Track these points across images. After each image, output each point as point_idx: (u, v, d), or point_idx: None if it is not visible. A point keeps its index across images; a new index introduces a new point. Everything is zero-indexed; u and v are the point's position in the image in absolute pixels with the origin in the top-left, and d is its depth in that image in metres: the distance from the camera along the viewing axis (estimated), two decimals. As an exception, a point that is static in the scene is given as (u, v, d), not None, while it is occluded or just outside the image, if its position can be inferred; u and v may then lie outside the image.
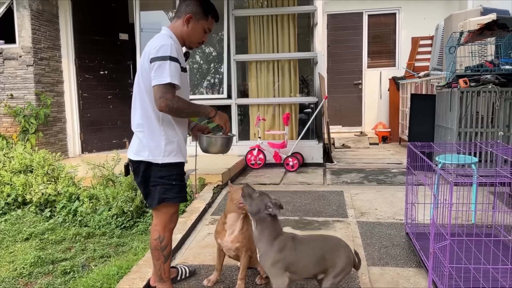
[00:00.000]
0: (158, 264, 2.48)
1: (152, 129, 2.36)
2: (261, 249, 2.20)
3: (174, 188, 2.40)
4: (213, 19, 2.46)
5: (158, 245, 2.44)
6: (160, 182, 2.37)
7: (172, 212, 2.47)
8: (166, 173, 2.37)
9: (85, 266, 3.25)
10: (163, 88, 2.20)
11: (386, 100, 9.51)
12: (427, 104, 5.76)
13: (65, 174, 4.73)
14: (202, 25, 2.42)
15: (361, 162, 6.65)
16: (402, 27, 9.48)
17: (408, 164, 3.26)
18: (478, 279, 2.44)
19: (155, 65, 2.21)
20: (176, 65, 2.24)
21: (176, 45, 2.33)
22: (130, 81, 7.78)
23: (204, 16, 2.41)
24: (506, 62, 5.15)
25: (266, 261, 2.17)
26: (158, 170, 2.37)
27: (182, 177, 2.48)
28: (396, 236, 3.43)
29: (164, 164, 2.36)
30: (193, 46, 2.51)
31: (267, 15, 6.60)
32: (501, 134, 4.67)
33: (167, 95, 2.20)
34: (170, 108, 2.22)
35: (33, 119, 6.07)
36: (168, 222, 2.47)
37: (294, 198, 4.57)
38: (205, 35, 2.49)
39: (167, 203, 2.42)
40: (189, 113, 2.35)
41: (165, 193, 2.38)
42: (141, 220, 4.08)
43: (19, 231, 3.98)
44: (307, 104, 6.94)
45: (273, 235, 2.18)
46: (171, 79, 2.19)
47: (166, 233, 2.46)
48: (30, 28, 6.17)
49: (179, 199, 2.44)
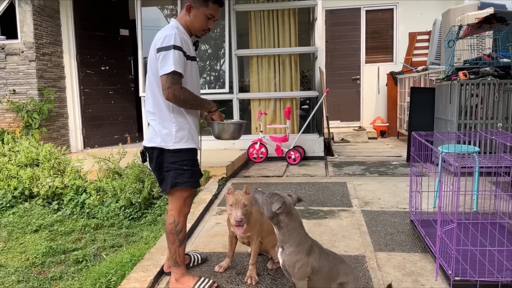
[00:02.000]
0: (173, 248, 2.54)
1: (163, 117, 2.45)
2: (287, 249, 2.10)
3: (186, 173, 2.47)
4: (214, 3, 2.46)
5: (173, 229, 2.51)
6: (173, 168, 2.46)
7: (185, 196, 2.54)
8: (178, 159, 2.46)
9: (97, 256, 3.31)
10: (171, 78, 2.29)
11: (384, 95, 9.60)
12: (426, 97, 5.84)
13: (71, 167, 4.77)
14: (203, 12, 2.45)
15: (361, 155, 6.74)
16: (400, 23, 9.56)
17: (413, 153, 3.34)
18: (483, 262, 2.52)
19: (161, 56, 2.32)
20: (180, 53, 2.31)
21: (182, 34, 2.40)
22: (131, 76, 7.82)
23: (203, 2, 2.43)
24: (504, 55, 5.24)
25: (293, 262, 2.08)
26: (170, 156, 2.45)
27: (194, 162, 2.55)
28: (401, 224, 3.51)
29: (175, 150, 2.45)
30: (199, 34, 2.54)
31: (267, 10, 6.65)
32: (500, 126, 4.77)
33: (175, 86, 2.30)
34: (177, 99, 2.32)
35: (36, 114, 6.10)
36: (183, 207, 2.54)
37: (299, 190, 4.65)
38: (209, 21, 2.50)
39: (180, 188, 2.49)
40: (194, 105, 2.45)
41: (177, 177, 2.46)
42: (149, 211, 4.14)
43: (27, 223, 4.02)
44: (305, 99, 7.01)
45: (300, 239, 2.11)
46: (175, 67, 2.28)
47: (181, 218, 2.54)
48: (32, 23, 6.19)
49: (190, 184, 2.51)
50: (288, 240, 2.10)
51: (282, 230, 2.12)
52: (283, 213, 2.09)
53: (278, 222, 2.11)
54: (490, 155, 4.53)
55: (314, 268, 2.08)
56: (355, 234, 3.33)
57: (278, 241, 2.16)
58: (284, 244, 2.11)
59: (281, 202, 2.08)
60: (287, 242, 2.10)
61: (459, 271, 2.43)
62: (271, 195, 2.13)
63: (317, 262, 2.09)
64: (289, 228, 2.10)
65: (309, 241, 2.13)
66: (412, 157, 3.37)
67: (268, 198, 2.13)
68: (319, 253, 2.12)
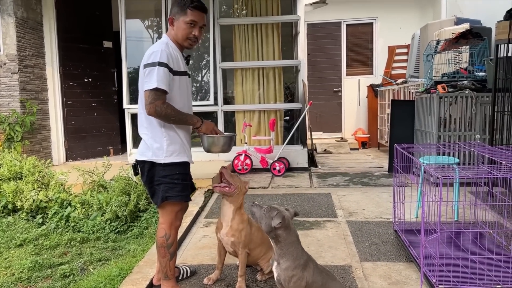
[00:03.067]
0: (164, 261, 2.56)
1: (154, 132, 2.48)
2: (283, 264, 2.11)
3: (176, 187, 2.49)
4: (193, 10, 2.46)
5: (164, 243, 2.53)
6: (163, 181, 2.48)
7: (176, 210, 2.56)
8: (169, 172, 2.48)
9: (84, 269, 3.28)
10: (153, 94, 2.33)
11: (365, 106, 9.79)
12: (406, 109, 6.01)
13: (55, 180, 4.73)
14: (183, 21, 2.46)
15: (344, 166, 6.85)
16: (379, 36, 9.81)
17: (396, 165, 3.44)
18: (465, 270, 2.62)
19: (146, 71, 2.37)
20: (165, 70, 2.34)
21: (171, 50, 2.45)
22: (114, 88, 7.80)
23: (182, 11, 2.46)
24: (480, 69, 5.45)
25: (289, 276, 2.08)
26: (161, 170, 2.48)
27: (185, 176, 2.57)
28: (385, 234, 3.60)
29: (166, 163, 2.47)
30: (186, 44, 2.54)
31: (251, 24, 6.76)
32: (478, 137, 4.93)
33: (157, 102, 2.33)
34: (158, 114, 2.36)
35: (18, 126, 6.03)
36: (174, 220, 2.57)
37: (284, 201, 4.70)
38: (194, 29, 2.49)
39: (171, 201, 2.51)
40: (176, 120, 2.45)
41: (167, 191, 2.48)
42: (135, 224, 4.13)
43: (11, 238, 3.96)
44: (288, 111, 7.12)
45: (297, 253, 2.12)
46: (158, 84, 2.32)
47: (172, 231, 2.56)
48: (15, 35, 6.14)
49: (181, 198, 2.53)
50: (285, 254, 2.11)
51: (279, 245, 2.13)
52: (282, 227, 2.10)
53: (276, 236, 2.12)
54: (469, 166, 4.68)
55: (308, 282, 2.10)
56: (341, 245, 3.40)
57: (274, 255, 2.17)
58: (281, 259, 2.12)
59: (281, 217, 2.08)
60: (284, 256, 2.11)
61: (443, 279, 2.51)
62: (270, 209, 2.14)
63: (311, 276, 2.11)
64: (286, 242, 2.12)
65: (305, 256, 2.15)
66: (395, 168, 3.47)
67: (266, 212, 2.13)
68: (314, 268, 2.15)
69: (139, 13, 7.40)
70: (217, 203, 4.70)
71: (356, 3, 9.58)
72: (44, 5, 6.83)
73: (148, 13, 7.46)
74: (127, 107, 6.82)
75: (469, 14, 6.91)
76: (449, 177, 2.54)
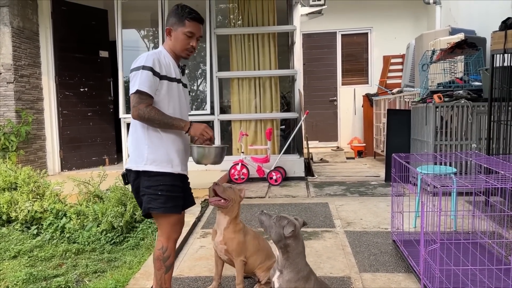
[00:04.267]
0: (159, 274, 2.51)
1: (137, 138, 2.46)
2: (287, 275, 2.08)
3: (159, 199, 2.38)
4: (190, 21, 2.44)
5: (161, 255, 2.48)
6: (147, 192, 2.40)
7: (172, 223, 2.48)
8: (153, 183, 2.39)
9: (79, 282, 3.24)
10: (137, 97, 2.33)
11: (361, 116, 9.82)
12: (402, 119, 6.02)
13: (50, 191, 4.68)
14: (181, 32, 2.44)
15: (341, 175, 6.84)
16: (374, 46, 9.87)
17: (393, 174, 3.44)
18: (465, 281, 2.60)
19: (131, 76, 2.38)
20: (148, 73, 2.32)
21: (161, 57, 2.43)
22: (110, 98, 7.78)
23: (180, 22, 2.44)
24: (475, 78, 5.48)
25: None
26: (145, 180, 2.40)
27: (172, 188, 2.43)
28: (383, 244, 3.58)
29: (148, 172, 2.38)
30: (183, 55, 2.52)
31: (248, 34, 6.78)
32: (474, 146, 4.95)
33: (140, 105, 2.32)
34: (141, 117, 2.34)
35: (13, 136, 5.98)
36: (171, 232, 2.50)
37: (282, 211, 4.68)
38: (191, 40, 2.47)
39: (161, 213, 2.42)
40: (161, 124, 2.38)
41: (150, 202, 2.39)
42: (131, 235, 4.08)
43: (5, 249, 3.91)
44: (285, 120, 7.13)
45: (302, 265, 2.10)
46: (139, 87, 2.30)
47: (169, 244, 2.49)
48: (11, 45, 6.13)
49: (164, 210, 2.40)
50: (290, 265, 2.08)
51: (286, 255, 2.09)
52: (292, 237, 2.07)
53: (285, 246, 2.08)
54: (466, 175, 4.69)
55: None
56: (339, 255, 3.37)
57: (278, 265, 2.14)
58: (284, 269, 2.09)
59: (293, 226, 2.06)
60: (288, 267, 2.08)
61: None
62: (280, 218, 2.11)
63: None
64: (294, 253, 2.08)
65: (308, 268, 2.13)
66: (393, 178, 3.46)
67: (276, 221, 2.10)
68: (315, 281, 2.12)
69: (136, 23, 7.42)
70: (213, 213, 4.66)
71: (351, 13, 9.65)
72: (40, 15, 6.83)
73: (144, 23, 7.48)
74: (123, 116, 6.80)
75: (463, 24, 6.97)
76: (448, 187, 2.53)
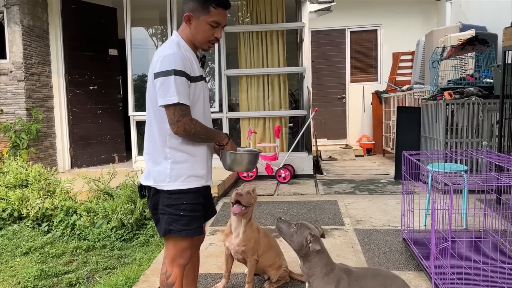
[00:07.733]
0: None
1: (156, 151, 2.09)
2: (313, 283, 2.00)
3: (181, 220, 2.05)
4: (217, 8, 2.04)
5: (164, 281, 2.13)
6: (167, 211, 2.06)
7: (181, 247, 2.11)
8: (174, 202, 2.06)
9: (90, 278, 3.27)
10: (178, 110, 1.96)
11: (370, 113, 9.77)
12: (412, 116, 5.98)
13: (61, 188, 4.72)
14: (205, 21, 2.04)
15: (350, 173, 6.82)
16: (383, 43, 9.80)
17: (404, 172, 3.41)
18: (477, 280, 2.58)
19: (158, 82, 1.97)
20: (182, 80, 1.96)
21: (185, 52, 2.05)
22: (119, 96, 7.82)
23: (203, 9, 2.03)
24: (486, 75, 5.42)
25: None
26: (166, 198, 2.07)
27: (195, 206, 2.10)
28: (393, 242, 3.56)
29: (171, 191, 2.06)
30: (205, 47, 2.15)
31: (256, 31, 6.77)
32: (485, 144, 4.90)
33: (185, 119, 1.97)
34: (187, 133, 2.00)
35: (24, 134, 6.04)
36: (177, 257, 2.12)
37: (290, 208, 4.67)
38: (215, 30, 2.08)
39: (185, 237, 2.09)
40: (204, 138, 2.11)
41: (171, 224, 2.06)
42: (141, 232, 4.11)
43: (17, 246, 3.95)
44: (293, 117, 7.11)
45: (326, 269, 2.00)
46: (179, 99, 1.94)
47: (174, 269, 2.12)
48: (21, 43, 6.18)
49: (186, 233, 2.06)
50: (314, 273, 2.01)
51: (308, 264, 2.02)
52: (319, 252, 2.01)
53: (306, 255, 2.02)
54: (477, 173, 4.64)
55: None
56: (349, 253, 3.36)
57: (304, 275, 2.07)
58: (310, 278, 2.02)
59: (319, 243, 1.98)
60: (313, 275, 2.01)
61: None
62: (300, 226, 2.04)
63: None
64: (316, 260, 2.01)
65: (334, 268, 2.03)
66: (403, 175, 3.44)
67: (297, 230, 2.03)
68: (348, 279, 2.02)
69: (144, 21, 7.44)
70: (223, 210, 4.67)
71: (360, 10, 9.58)
72: (50, 13, 6.87)
73: (153, 21, 7.50)
74: (132, 114, 6.84)
75: (474, 21, 6.90)
76: (459, 184, 2.51)
